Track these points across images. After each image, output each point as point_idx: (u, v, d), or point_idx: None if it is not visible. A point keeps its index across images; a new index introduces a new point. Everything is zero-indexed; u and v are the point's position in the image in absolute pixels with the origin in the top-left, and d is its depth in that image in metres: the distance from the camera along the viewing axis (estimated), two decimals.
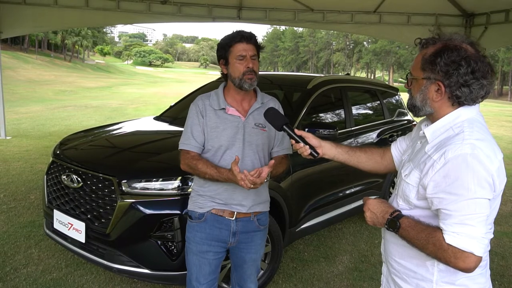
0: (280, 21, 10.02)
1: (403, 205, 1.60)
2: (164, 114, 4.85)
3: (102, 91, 29.80)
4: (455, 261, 1.37)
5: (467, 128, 1.44)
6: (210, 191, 2.25)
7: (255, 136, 2.25)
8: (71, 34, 67.94)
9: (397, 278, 1.66)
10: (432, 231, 1.43)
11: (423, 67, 1.52)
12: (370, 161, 1.94)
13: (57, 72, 47.36)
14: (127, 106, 19.16)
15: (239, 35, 2.17)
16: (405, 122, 5.66)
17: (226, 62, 2.22)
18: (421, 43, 1.56)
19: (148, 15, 9.37)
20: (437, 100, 1.51)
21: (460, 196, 1.36)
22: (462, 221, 1.36)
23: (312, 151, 1.84)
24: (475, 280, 1.51)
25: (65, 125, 12.51)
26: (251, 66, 2.17)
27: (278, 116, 1.98)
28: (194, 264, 2.30)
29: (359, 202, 4.75)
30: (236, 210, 2.25)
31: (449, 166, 1.39)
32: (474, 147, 1.38)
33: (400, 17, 9.43)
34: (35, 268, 3.74)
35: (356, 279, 3.88)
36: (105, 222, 3.07)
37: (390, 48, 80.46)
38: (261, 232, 2.39)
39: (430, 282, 1.54)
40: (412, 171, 1.54)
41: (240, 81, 2.18)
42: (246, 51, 2.16)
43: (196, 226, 2.29)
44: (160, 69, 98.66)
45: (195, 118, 2.26)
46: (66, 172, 3.35)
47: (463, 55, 1.43)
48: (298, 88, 4.29)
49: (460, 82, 1.44)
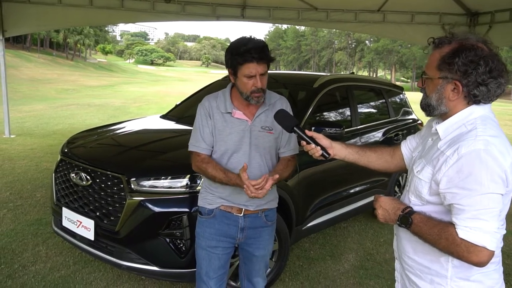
0: (284, 20, 10.01)
1: (415, 201, 1.61)
2: (170, 113, 4.86)
3: (104, 90, 29.84)
4: (468, 255, 1.39)
5: (480, 125, 1.46)
6: (219, 191, 2.29)
7: (261, 139, 2.25)
8: (73, 32, 67.97)
9: (411, 275, 1.68)
10: (445, 226, 1.45)
11: (439, 66, 1.52)
12: (380, 160, 1.95)
13: (59, 70, 47.41)
14: (129, 105, 19.19)
15: (250, 56, 2.05)
16: (410, 121, 5.67)
17: (235, 73, 2.16)
18: (435, 43, 1.57)
19: (152, 13, 9.37)
20: (453, 99, 1.52)
21: (473, 191, 1.38)
22: (475, 215, 1.38)
23: (323, 152, 1.85)
24: (489, 276, 1.53)
25: (68, 123, 12.54)
26: (259, 86, 2.13)
27: (288, 118, 1.98)
28: (203, 259, 2.33)
29: (364, 200, 4.77)
30: (244, 207, 2.28)
31: (463, 162, 1.40)
32: (487, 143, 1.39)
33: (404, 16, 9.41)
34: (43, 266, 3.76)
35: (362, 277, 3.90)
36: (114, 220, 3.09)
37: (392, 47, 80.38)
38: (269, 228, 2.41)
39: (444, 277, 1.55)
40: (425, 167, 1.56)
41: (247, 97, 2.17)
42: (256, 70, 2.09)
43: (205, 222, 2.32)
44: (162, 68, 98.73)
45: (204, 119, 2.27)
46: (75, 170, 3.37)
47: (481, 55, 1.45)
48: (304, 87, 4.30)
49: (478, 81, 1.46)
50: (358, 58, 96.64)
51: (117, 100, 21.27)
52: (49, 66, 50.42)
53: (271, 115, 2.22)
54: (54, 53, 69.10)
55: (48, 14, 9.15)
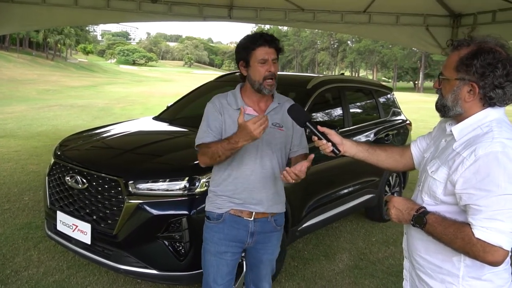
0: (271, 20, 10.01)
1: (428, 201, 1.63)
2: (162, 114, 4.83)
3: (86, 90, 29.44)
4: (484, 255, 1.42)
5: (495, 128, 1.49)
6: (228, 190, 2.25)
7: (273, 135, 2.26)
8: (54, 32, 66.71)
9: (422, 274, 1.70)
10: (461, 226, 1.48)
11: (457, 68, 1.55)
12: (389, 159, 1.98)
13: (39, 71, 46.58)
14: (113, 106, 18.97)
15: (262, 38, 2.16)
16: (400, 122, 5.74)
17: (247, 64, 2.21)
18: (454, 45, 1.60)
19: (139, 14, 9.25)
20: (469, 100, 1.55)
21: (491, 192, 1.41)
22: (491, 216, 1.41)
23: (334, 148, 1.86)
24: (500, 275, 1.56)
25: (52, 125, 12.34)
26: (273, 70, 2.18)
27: (301, 112, 2.00)
28: (211, 265, 2.30)
29: (357, 200, 4.82)
30: (255, 210, 2.26)
31: (480, 163, 1.43)
32: (504, 145, 1.43)
33: (389, 17, 9.49)
34: (36, 271, 3.70)
35: (357, 277, 3.94)
36: (112, 223, 3.06)
37: (374, 47, 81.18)
38: (277, 233, 2.41)
39: (456, 277, 1.58)
40: (440, 167, 1.58)
41: (260, 85, 2.19)
42: (268, 55, 2.16)
43: (214, 227, 2.29)
44: (144, 68, 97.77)
45: (213, 114, 2.25)
46: (70, 173, 3.32)
47: (499, 58, 1.48)
48: (298, 88, 4.32)
49: (495, 84, 1.49)
50: (340, 58, 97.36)
51: (100, 101, 21.01)
52: (29, 66, 49.49)
53: (281, 112, 2.28)
54: (34, 53, 67.80)
55: (33, 14, 8.95)
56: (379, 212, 5.30)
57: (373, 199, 5.11)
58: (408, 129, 5.91)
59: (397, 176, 5.57)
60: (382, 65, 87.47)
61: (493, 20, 8.23)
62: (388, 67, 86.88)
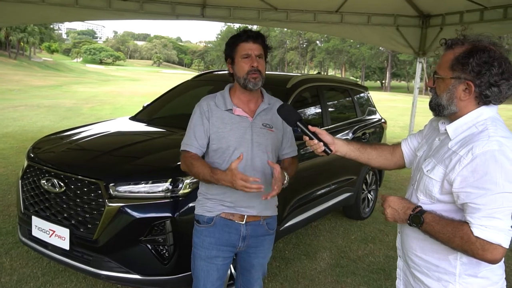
0: (245, 19, 9.96)
1: (424, 200, 1.64)
2: (139, 115, 4.71)
3: (52, 90, 28.56)
4: (483, 253, 1.43)
5: (490, 126, 1.51)
6: (219, 194, 2.20)
7: (263, 136, 2.22)
8: (16, 30, 64.49)
9: (417, 272, 1.71)
10: (459, 225, 1.49)
11: (452, 67, 1.56)
12: (380, 158, 1.99)
13: (1, 70, 44.89)
14: (82, 106, 18.48)
15: (246, 34, 2.16)
16: (376, 120, 5.82)
17: (232, 61, 2.21)
18: (447, 44, 1.60)
19: (109, 11, 9.02)
20: (464, 99, 1.56)
21: (489, 191, 1.42)
22: (490, 214, 1.42)
23: (326, 148, 1.85)
24: (495, 272, 1.59)
25: (18, 126, 11.89)
26: (256, 65, 2.15)
27: (292, 112, 1.97)
28: (202, 270, 2.24)
29: (336, 199, 4.85)
30: (246, 213, 2.21)
31: (477, 162, 1.44)
32: (501, 144, 1.44)
33: (361, 17, 9.62)
34: (9, 279, 3.54)
35: (339, 275, 3.95)
36: (92, 228, 2.95)
37: (342, 47, 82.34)
38: (270, 236, 2.37)
39: (453, 275, 1.59)
40: (436, 166, 1.59)
41: (244, 80, 2.17)
42: (251, 50, 2.15)
43: (204, 231, 2.23)
44: (111, 67, 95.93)
45: (199, 119, 2.21)
46: (46, 176, 3.19)
47: (494, 56, 1.49)
48: (277, 88, 4.29)
49: (491, 82, 1.50)
50: (309, 58, 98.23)
51: (67, 101, 20.42)
52: None
53: (271, 113, 2.26)
54: None
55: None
56: (357, 210, 5.35)
57: (351, 198, 5.16)
58: (383, 127, 6.00)
59: (373, 174, 5.65)
60: (350, 64, 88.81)
61: (461, 20, 8.46)
62: (356, 66, 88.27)
